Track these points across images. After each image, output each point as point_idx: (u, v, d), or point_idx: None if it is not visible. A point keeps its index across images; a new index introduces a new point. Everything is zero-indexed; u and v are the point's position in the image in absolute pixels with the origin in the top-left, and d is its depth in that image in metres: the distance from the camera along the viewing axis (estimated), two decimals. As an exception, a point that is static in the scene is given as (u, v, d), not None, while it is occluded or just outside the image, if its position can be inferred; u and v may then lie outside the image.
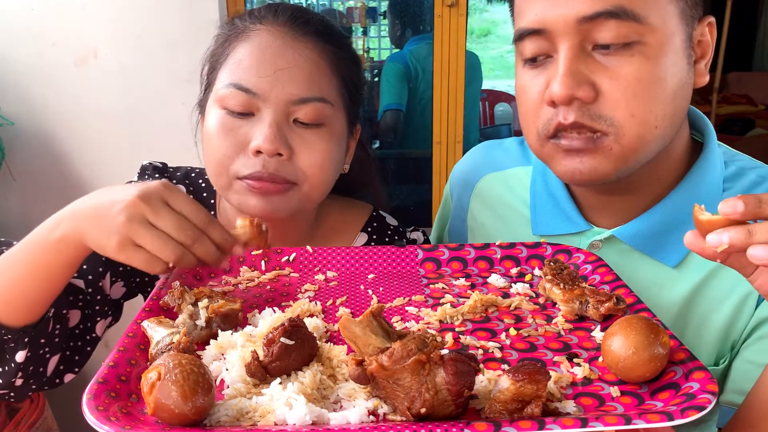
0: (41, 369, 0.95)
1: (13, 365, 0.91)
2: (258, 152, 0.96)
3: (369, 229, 1.18)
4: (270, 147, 0.95)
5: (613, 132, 0.85)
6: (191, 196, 0.87)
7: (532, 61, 0.91)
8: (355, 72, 1.09)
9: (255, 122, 0.98)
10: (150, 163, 1.16)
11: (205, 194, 1.15)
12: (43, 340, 0.93)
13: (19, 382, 0.93)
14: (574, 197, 1.06)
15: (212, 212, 1.14)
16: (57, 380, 0.99)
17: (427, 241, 1.21)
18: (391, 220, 1.21)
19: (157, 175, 1.14)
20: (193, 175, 1.18)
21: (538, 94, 0.90)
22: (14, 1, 2.03)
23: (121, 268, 1.06)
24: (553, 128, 0.88)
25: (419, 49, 2.91)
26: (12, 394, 0.94)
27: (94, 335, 1.03)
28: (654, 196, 0.98)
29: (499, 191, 1.17)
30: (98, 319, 1.03)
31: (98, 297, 1.03)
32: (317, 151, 0.99)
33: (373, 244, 1.16)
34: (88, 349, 1.03)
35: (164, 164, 1.17)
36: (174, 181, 1.15)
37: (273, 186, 0.97)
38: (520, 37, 0.91)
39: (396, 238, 1.17)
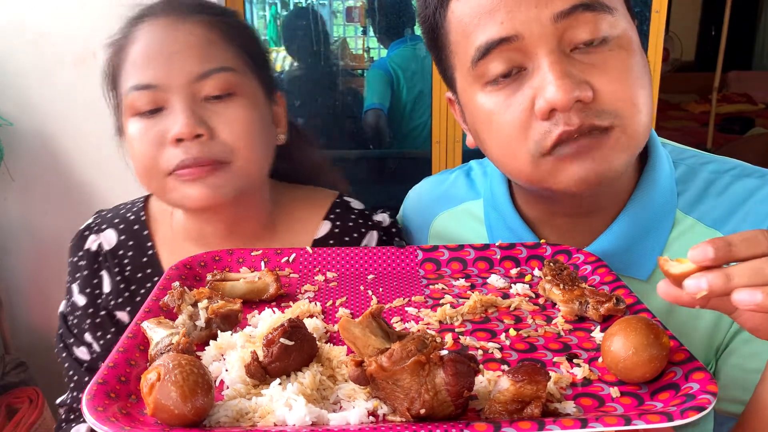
0: None
1: None
2: (178, 140, 0.96)
3: (332, 216, 1.14)
4: (187, 130, 0.94)
5: (618, 124, 0.82)
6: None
7: (503, 78, 0.84)
8: (250, 38, 1.08)
9: (167, 115, 0.97)
10: (77, 242, 1.13)
11: (136, 227, 1.14)
12: None
13: None
14: (531, 226, 1.02)
15: (149, 243, 1.12)
16: None
17: (394, 222, 1.19)
18: (357, 205, 1.18)
19: (85, 259, 1.11)
20: (122, 210, 1.16)
21: (522, 112, 0.83)
22: (14, 1, 2.03)
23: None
24: (553, 141, 0.82)
25: (399, 53, 2.95)
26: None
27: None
28: (614, 212, 0.95)
29: (455, 229, 1.13)
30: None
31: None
32: (236, 121, 0.98)
33: (337, 231, 1.13)
34: None
35: (88, 227, 1.15)
36: (104, 226, 1.13)
37: (202, 169, 0.96)
38: (485, 52, 0.83)
39: (361, 221, 1.15)
